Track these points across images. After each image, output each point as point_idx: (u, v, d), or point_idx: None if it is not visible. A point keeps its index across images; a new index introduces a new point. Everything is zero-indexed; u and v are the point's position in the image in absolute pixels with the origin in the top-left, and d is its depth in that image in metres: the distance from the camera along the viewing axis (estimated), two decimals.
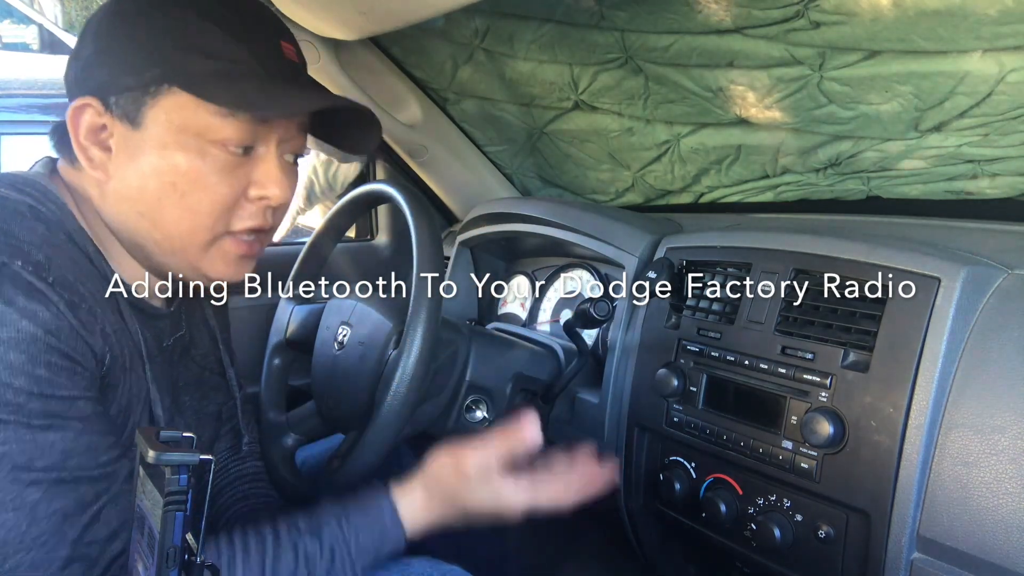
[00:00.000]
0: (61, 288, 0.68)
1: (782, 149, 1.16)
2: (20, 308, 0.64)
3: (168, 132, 0.74)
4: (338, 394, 1.05)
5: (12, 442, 0.63)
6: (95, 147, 0.76)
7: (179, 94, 0.73)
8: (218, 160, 0.76)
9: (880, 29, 0.88)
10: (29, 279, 0.66)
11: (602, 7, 1.07)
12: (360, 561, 0.81)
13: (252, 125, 0.76)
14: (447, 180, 1.64)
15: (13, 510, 0.63)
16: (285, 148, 0.82)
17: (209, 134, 0.75)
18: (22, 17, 5.58)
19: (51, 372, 0.65)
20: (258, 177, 0.79)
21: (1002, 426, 0.68)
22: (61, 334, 0.66)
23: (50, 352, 0.65)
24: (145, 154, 0.75)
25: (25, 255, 0.67)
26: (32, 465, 0.64)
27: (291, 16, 1.21)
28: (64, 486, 0.65)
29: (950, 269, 0.75)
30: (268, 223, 0.82)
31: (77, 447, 0.67)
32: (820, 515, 0.82)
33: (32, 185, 0.74)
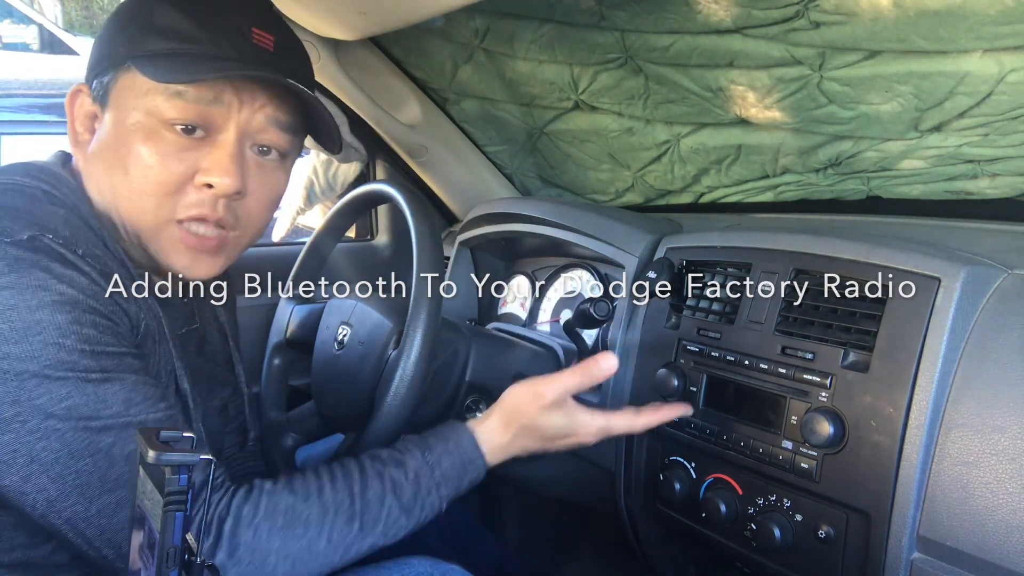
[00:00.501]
0: (91, 260, 0.70)
1: (782, 149, 1.16)
2: (58, 274, 0.67)
3: (127, 111, 0.76)
4: (338, 394, 1.05)
5: (75, 396, 0.65)
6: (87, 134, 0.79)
7: (135, 74, 0.75)
8: (166, 142, 0.76)
9: (880, 29, 0.88)
10: (60, 250, 0.68)
11: (602, 7, 1.07)
12: (445, 487, 0.82)
13: (201, 106, 0.75)
14: (447, 180, 1.64)
15: (90, 455, 0.66)
16: (252, 139, 0.80)
17: (159, 113, 0.75)
18: (22, 17, 5.58)
19: (97, 330, 0.68)
20: (206, 163, 0.77)
21: (1002, 426, 0.68)
22: (99, 297, 0.69)
23: (93, 312, 0.68)
24: (108, 135, 0.77)
25: (53, 230, 0.69)
26: (99, 414, 0.66)
27: (291, 16, 1.21)
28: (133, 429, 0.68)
29: (950, 269, 0.75)
30: (216, 214, 0.79)
31: (136, 396, 0.69)
32: (820, 515, 0.82)
33: (46, 172, 0.77)
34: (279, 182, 0.85)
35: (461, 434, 0.85)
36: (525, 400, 0.86)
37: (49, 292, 0.66)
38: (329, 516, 0.75)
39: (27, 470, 0.65)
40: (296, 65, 0.84)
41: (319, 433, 1.18)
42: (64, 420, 0.65)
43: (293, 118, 0.83)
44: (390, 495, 0.79)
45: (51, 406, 0.65)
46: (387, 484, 0.79)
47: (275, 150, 0.83)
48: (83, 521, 0.67)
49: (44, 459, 0.65)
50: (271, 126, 0.81)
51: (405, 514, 0.79)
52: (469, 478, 0.84)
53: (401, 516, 0.79)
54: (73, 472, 0.65)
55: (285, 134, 0.82)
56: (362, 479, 0.78)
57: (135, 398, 0.69)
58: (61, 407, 0.65)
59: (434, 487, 0.81)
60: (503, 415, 0.87)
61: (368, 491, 0.78)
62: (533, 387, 0.87)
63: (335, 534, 0.75)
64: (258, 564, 0.71)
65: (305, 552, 0.73)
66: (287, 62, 0.81)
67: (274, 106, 0.80)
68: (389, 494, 0.79)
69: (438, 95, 1.51)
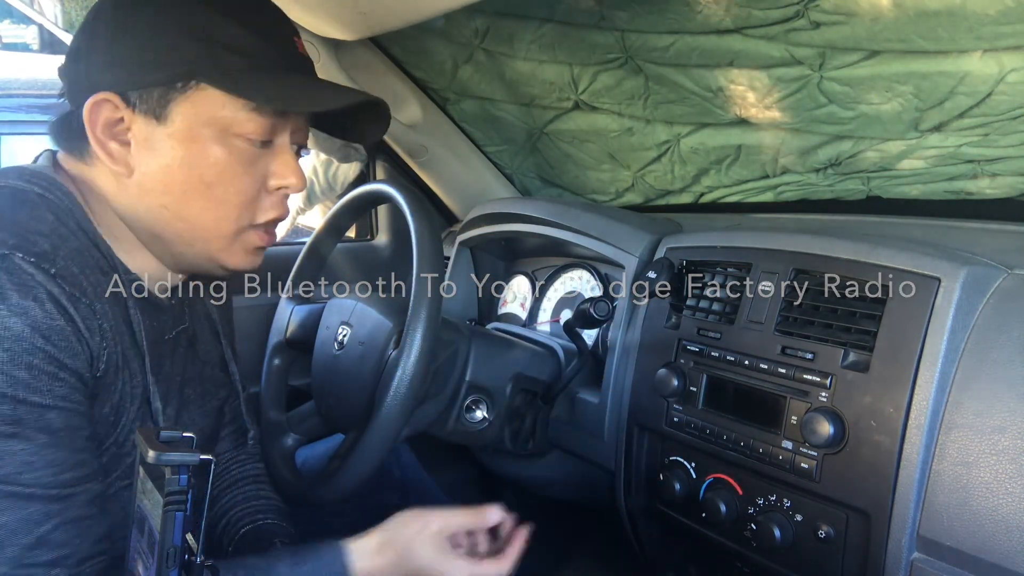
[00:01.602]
0: (63, 280, 0.68)
1: (782, 149, 1.16)
2: (12, 305, 0.64)
3: (195, 126, 0.76)
4: (338, 394, 1.05)
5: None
6: (112, 141, 0.77)
7: (207, 89, 0.75)
8: (241, 153, 0.78)
9: (880, 29, 0.88)
10: (30, 271, 0.65)
11: (602, 7, 1.07)
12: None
13: (273, 120, 0.79)
14: (447, 180, 1.64)
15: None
16: (295, 139, 0.85)
17: (235, 128, 0.77)
18: (22, 17, 5.58)
19: (31, 375, 0.64)
20: (276, 168, 0.82)
21: (1002, 426, 0.68)
22: (52, 335, 0.66)
23: (34, 354, 0.64)
24: (170, 148, 0.76)
25: (29, 245, 0.67)
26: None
27: (291, 16, 1.19)
28: (14, 500, 0.64)
29: (950, 269, 0.75)
30: (286, 212, 0.86)
31: (38, 460, 0.65)
32: (820, 515, 0.82)
33: (39, 176, 0.75)
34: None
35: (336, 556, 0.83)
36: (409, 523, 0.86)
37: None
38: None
39: None
40: None
41: (319, 433, 1.18)
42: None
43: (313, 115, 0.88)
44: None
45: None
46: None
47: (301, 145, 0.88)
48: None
49: None
50: (306, 126, 0.86)
51: None
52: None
53: None
54: None
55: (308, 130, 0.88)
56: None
57: (36, 463, 0.64)
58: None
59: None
60: (382, 536, 0.86)
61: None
62: (423, 514, 0.87)
63: None
64: None
65: None
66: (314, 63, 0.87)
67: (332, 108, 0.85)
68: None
69: (438, 95, 1.51)
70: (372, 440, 0.89)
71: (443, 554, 0.86)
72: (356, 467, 0.91)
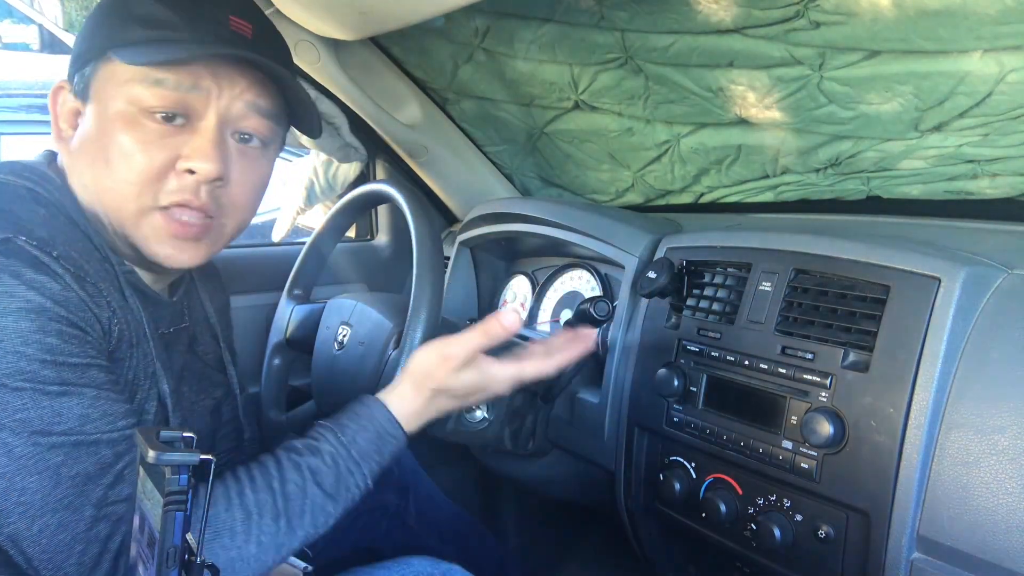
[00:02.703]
0: (66, 262, 0.69)
1: (782, 149, 1.16)
2: (27, 280, 0.66)
3: (107, 101, 0.76)
4: (338, 394, 1.05)
5: (30, 408, 0.64)
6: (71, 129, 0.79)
7: (114, 63, 0.75)
8: (147, 130, 0.76)
9: (880, 29, 0.88)
10: (34, 253, 0.67)
11: (602, 7, 1.07)
12: (365, 465, 0.81)
13: (180, 93, 0.76)
14: (447, 180, 1.64)
15: (37, 473, 0.64)
16: (232, 126, 0.81)
17: (141, 102, 0.75)
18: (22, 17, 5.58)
19: (62, 340, 0.67)
20: (188, 150, 0.77)
21: (1002, 426, 0.68)
22: (69, 304, 0.68)
23: (59, 321, 0.67)
24: (90, 125, 0.77)
25: (28, 231, 0.69)
26: (51, 429, 0.65)
27: (291, 16, 1.21)
28: (84, 448, 0.67)
29: (950, 269, 0.75)
30: (199, 200, 0.79)
31: (93, 412, 0.68)
32: (820, 515, 0.82)
33: (31, 170, 0.76)
34: (262, 170, 0.86)
35: (373, 408, 0.84)
36: (433, 364, 0.85)
37: (15, 299, 0.65)
38: (254, 519, 0.74)
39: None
40: (274, 51, 0.84)
41: None
42: (15, 433, 0.64)
43: (273, 105, 0.83)
44: (311, 484, 0.78)
45: (3, 417, 0.63)
46: (306, 473, 0.78)
47: (256, 137, 0.83)
48: (24, 540, 0.65)
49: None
50: (252, 112, 0.81)
51: (331, 500, 0.78)
52: (389, 450, 0.83)
53: (327, 503, 0.78)
54: (17, 489, 0.64)
55: (266, 121, 0.83)
56: (280, 474, 0.77)
57: (92, 414, 0.67)
58: (14, 419, 0.64)
59: (354, 466, 0.80)
60: (413, 380, 0.86)
61: (288, 485, 0.77)
62: (440, 349, 0.86)
63: (264, 536, 0.74)
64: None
65: (237, 561, 0.72)
66: (265, 48, 0.81)
67: (254, 92, 0.81)
68: (310, 483, 0.78)
69: (438, 95, 1.51)
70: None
71: (479, 371, 0.86)
72: None
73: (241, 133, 0.82)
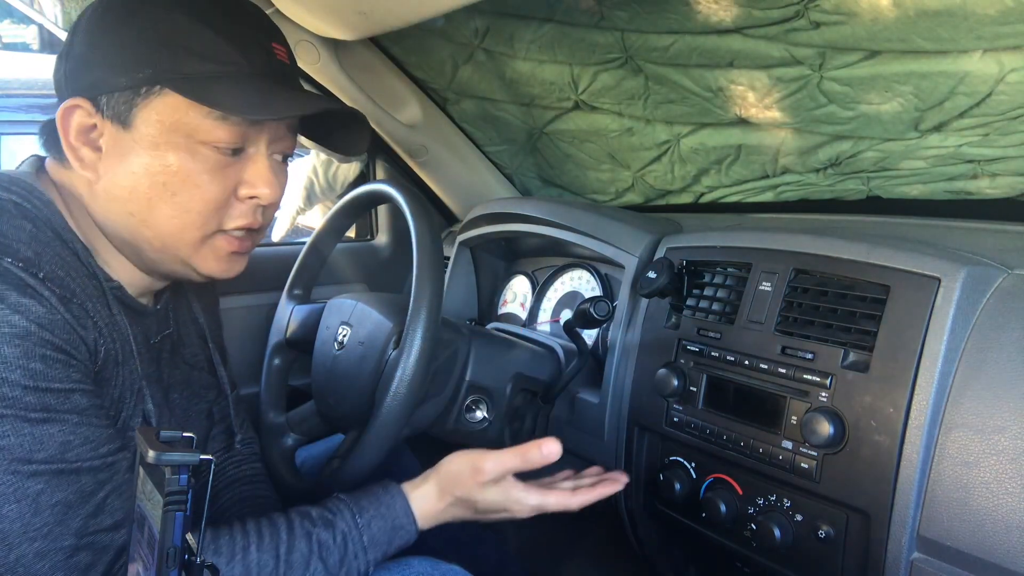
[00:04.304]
0: (52, 283, 0.69)
1: (782, 149, 1.16)
2: (12, 304, 0.65)
3: (159, 133, 0.75)
4: (338, 394, 1.05)
5: (10, 435, 0.64)
6: (86, 147, 0.77)
7: (170, 95, 0.74)
8: (208, 160, 0.77)
9: (880, 29, 0.88)
10: (20, 275, 0.66)
11: (602, 7, 1.07)
12: (372, 552, 0.81)
13: (243, 127, 0.77)
14: (447, 180, 1.64)
15: (16, 502, 0.64)
16: (275, 148, 0.83)
17: (200, 135, 0.76)
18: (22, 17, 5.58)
19: (46, 365, 0.66)
20: (248, 177, 0.80)
21: (1002, 426, 0.68)
22: (55, 328, 0.67)
23: (44, 345, 0.66)
24: (136, 154, 0.76)
25: (14, 252, 0.68)
26: (32, 457, 0.65)
27: (291, 16, 1.21)
28: (65, 477, 0.66)
29: (950, 269, 0.75)
30: (258, 222, 0.84)
31: (75, 439, 0.67)
32: (820, 515, 0.82)
33: (17, 183, 0.75)
34: (288, 181, 0.89)
35: (396, 498, 0.85)
36: (464, 473, 0.87)
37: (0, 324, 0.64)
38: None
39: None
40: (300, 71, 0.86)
41: (319, 433, 1.18)
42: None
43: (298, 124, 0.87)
44: (316, 559, 0.77)
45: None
46: (314, 546, 0.78)
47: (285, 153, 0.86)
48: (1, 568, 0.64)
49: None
50: (289, 135, 0.85)
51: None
52: (398, 543, 0.84)
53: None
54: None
55: (294, 138, 0.87)
56: (289, 540, 0.78)
57: (74, 441, 0.67)
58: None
59: (361, 551, 0.80)
60: (439, 484, 0.87)
61: (294, 553, 0.77)
62: (473, 461, 0.87)
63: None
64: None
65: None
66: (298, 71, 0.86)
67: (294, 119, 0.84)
68: (315, 557, 0.78)
69: (438, 95, 1.51)
70: (372, 440, 0.89)
71: (504, 493, 0.87)
72: (356, 467, 0.91)
73: (281, 154, 0.85)
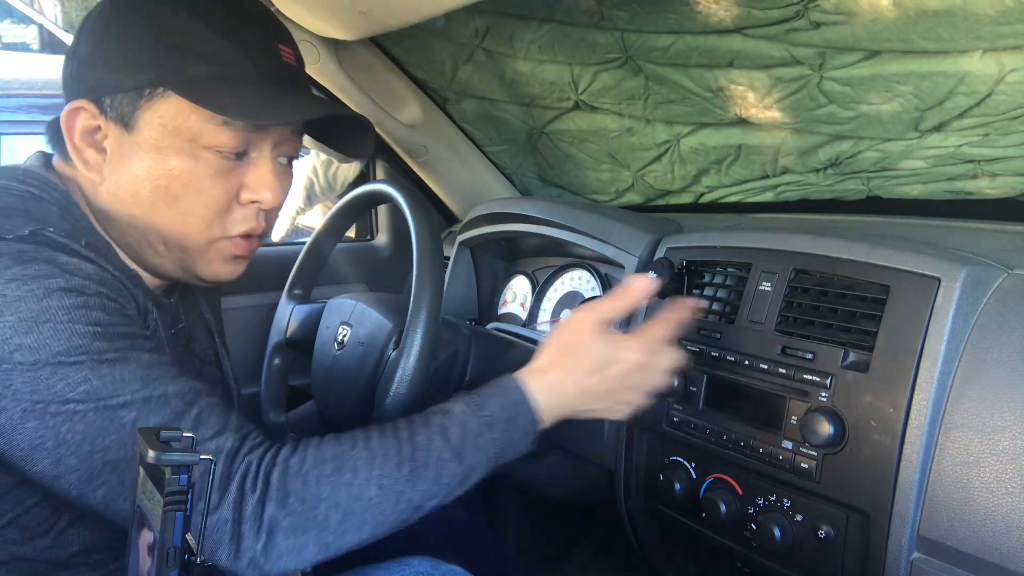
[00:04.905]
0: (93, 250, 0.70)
1: (782, 149, 1.16)
2: (62, 263, 0.67)
3: (162, 136, 0.75)
4: (338, 394, 1.05)
5: (92, 379, 0.65)
6: (90, 149, 0.77)
7: (173, 98, 0.74)
8: (211, 164, 0.76)
9: (880, 29, 0.88)
10: (64, 241, 0.68)
11: (602, 7, 1.07)
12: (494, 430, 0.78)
13: (247, 132, 0.77)
14: (447, 180, 1.64)
15: (115, 432, 0.66)
16: (279, 151, 0.82)
17: (203, 139, 0.75)
18: (22, 17, 5.58)
19: (107, 313, 0.68)
20: (250, 181, 0.80)
21: (1002, 426, 0.68)
22: (106, 283, 0.69)
23: (100, 296, 0.68)
24: (138, 157, 0.76)
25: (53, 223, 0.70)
26: (118, 392, 0.66)
27: (291, 16, 1.21)
28: (154, 402, 0.68)
29: (950, 269, 0.75)
30: (261, 226, 0.83)
31: (153, 372, 0.69)
32: (820, 515, 0.82)
33: (32, 175, 0.76)
34: (292, 183, 0.89)
35: (507, 378, 0.82)
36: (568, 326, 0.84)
37: (55, 279, 0.66)
38: (377, 460, 0.73)
39: (56, 453, 0.65)
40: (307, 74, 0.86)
41: (319, 433, 1.18)
42: (84, 403, 0.65)
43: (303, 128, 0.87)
44: (438, 438, 0.76)
45: (69, 392, 0.65)
46: (434, 428, 0.76)
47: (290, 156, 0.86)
48: (120, 496, 0.66)
49: (71, 441, 0.65)
50: (294, 137, 0.84)
51: (456, 457, 0.76)
52: (520, 423, 0.80)
53: (452, 460, 0.75)
54: (101, 449, 0.65)
55: (299, 140, 0.86)
56: (409, 426, 0.77)
57: (152, 374, 0.68)
58: (79, 391, 0.65)
59: (485, 428, 0.78)
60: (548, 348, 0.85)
61: (416, 436, 0.75)
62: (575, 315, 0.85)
63: (385, 479, 0.72)
64: (309, 513, 0.70)
65: (355, 500, 0.71)
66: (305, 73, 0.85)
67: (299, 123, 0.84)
68: (437, 436, 0.76)
69: (438, 95, 1.51)
70: None
71: (611, 341, 0.83)
72: None
73: (286, 156, 0.85)
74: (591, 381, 0.83)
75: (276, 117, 0.76)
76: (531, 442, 0.82)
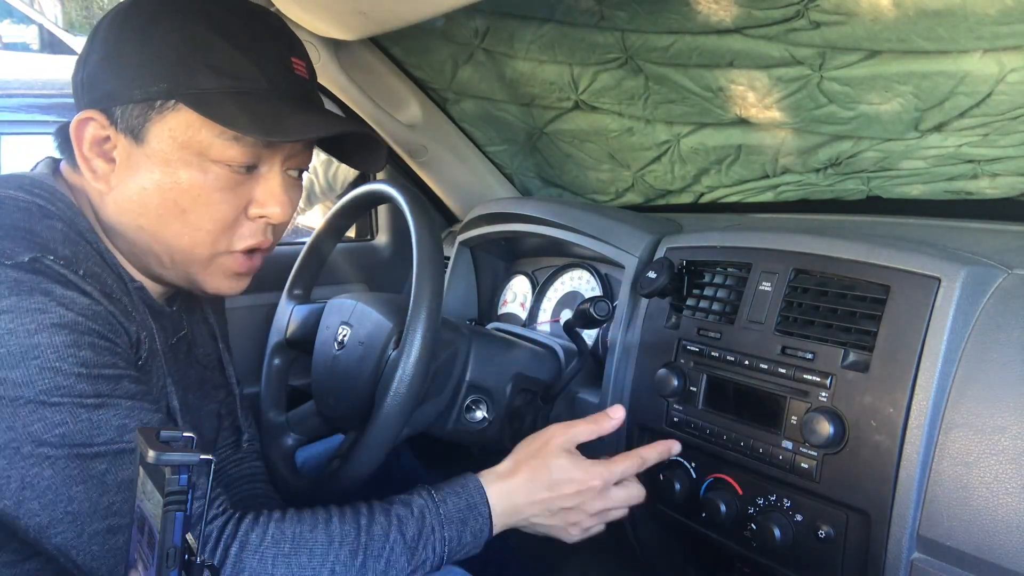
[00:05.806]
0: (91, 280, 0.70)
1: (782, 149, 1.16)
2: (58, 296, 0.66)
3: (172, 149, 0.74)
4: (338, 394, 1.05)
5: (69, 422, 0.65)
6: (99, 159, 0.76)
7: (185, 111, 0.73)
8: (220, 178, 0.76)
9: (880, 29, 0.88)
10: (62, 271, 0.68)
11: (602, 7, 1.07)
12: (448, 529, 0.81)
13: (257, 147, 0.76)
14: (447, 180, 1.64)
15: (82, 483, 0.65)
16: (289, 164, 0.82)
17: (212, 153, 0.74)
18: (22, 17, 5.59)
19: (95, 353, 0.67)
20: (259, 195, 0.79)
21: (1002, 426, 0.68)
22: (99, 319, 0.69)
23: (91, 334, 0.67)
24: (147, 169, 0.75)
25: (53, 250, 0.69)
26: (92, 441, 0.66)
27: (291, 16, 1.21)
28: (127, 456, 0.67)
29: (950, 269, 0.75)
30: (268, 241, 0.83)
31: (130, 422, 0.68)
32: (820, 515, 0.82)
33: (40, 186, 0.75)
34: (301, 195, 0.88)
35: (468, 479, 0.86)
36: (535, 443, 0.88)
37: (48, 315, 0.65)
38: (334, 546, 0.75)
39: (20, 495, 0.64)
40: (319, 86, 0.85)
41: (319, 433, 1.18)
42: (57, 447, 0.64)
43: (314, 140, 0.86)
44: (395, 530, 0.78)
45: (44, 433, 0.64)
46: (393, 520, 0.78)
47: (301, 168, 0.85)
48: (73, 548, 0.66)
49: (36, 485, 0.64)
50: (305, 151, 0.84)
51: (407, 552, 0.78)
52: (472, 525, 0.83)
53: (403, 554, 0.78)
54: (64, 499, 0.65)
55: (310, 154, 0.86)
56: (369, 513, 0.78)
57: (129, 424, 0.68)
58: (54, 434, 0.64)
59: (438, 526, 0.80)
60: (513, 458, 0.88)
61: (374, 526, 0.77)
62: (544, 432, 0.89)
63: (338, 566, 0.74)
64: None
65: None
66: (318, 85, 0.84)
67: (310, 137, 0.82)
68: (394, 529, 0.78)
69: (438, 95, 1.51)
70: (372, 440, 0.89)
71: (574, 462, 0.86)
72: (356, 467, 0.91)
73: (296, 169, 0.84)
74: (545, 496, 0.85)
75: (288, 135, 0.75)
76: (480, 545, 0.85)
